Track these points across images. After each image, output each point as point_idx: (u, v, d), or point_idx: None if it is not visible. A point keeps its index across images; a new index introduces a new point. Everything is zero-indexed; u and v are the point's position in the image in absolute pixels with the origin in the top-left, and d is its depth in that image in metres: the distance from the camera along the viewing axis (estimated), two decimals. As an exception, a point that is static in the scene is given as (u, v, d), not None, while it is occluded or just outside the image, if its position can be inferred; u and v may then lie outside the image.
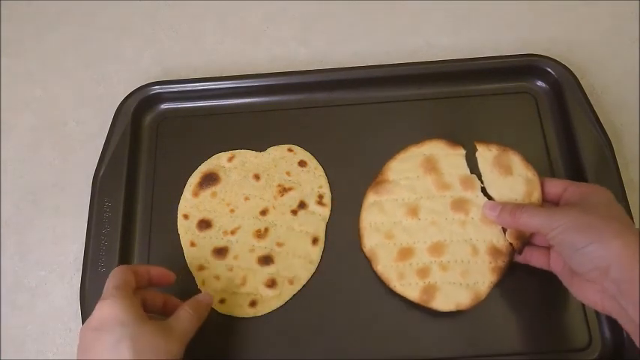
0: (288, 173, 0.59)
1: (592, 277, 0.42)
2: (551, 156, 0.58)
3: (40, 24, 0.73)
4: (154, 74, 0.67)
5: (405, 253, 0.53)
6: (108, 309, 0.42)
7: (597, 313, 0.51)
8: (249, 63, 0.67)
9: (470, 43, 0.67)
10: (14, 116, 0.67)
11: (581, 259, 0.42)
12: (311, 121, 0.61)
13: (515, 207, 0.48)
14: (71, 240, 0.59)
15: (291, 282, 0.54)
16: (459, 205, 0.54)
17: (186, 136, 0.62)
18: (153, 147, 0.61)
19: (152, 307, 0.47)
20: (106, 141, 0.60)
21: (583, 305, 0.51)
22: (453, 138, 0.58)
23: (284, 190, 0.58)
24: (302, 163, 0.59)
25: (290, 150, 0.60)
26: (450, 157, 0.56)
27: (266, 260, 0.55)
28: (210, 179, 0.59)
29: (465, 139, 0.59)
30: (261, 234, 0.56)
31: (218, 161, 0.60)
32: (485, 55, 0.62)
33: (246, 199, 0.58)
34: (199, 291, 0.54)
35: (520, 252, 0.51)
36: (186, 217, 0.58)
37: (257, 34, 0.70)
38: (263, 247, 0.56)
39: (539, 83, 0.61)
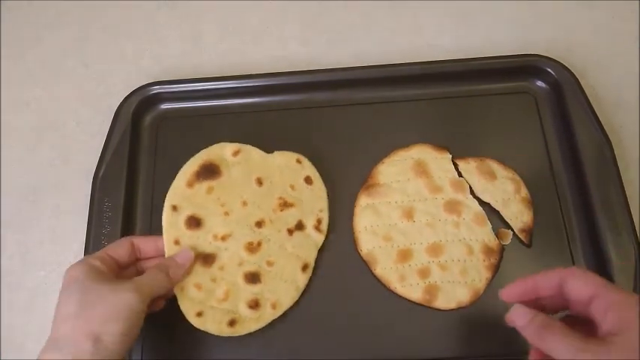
0: (292, 187, 0.55)
1: None
2: (551, 156, 0.58)
3: (40, 24, 0.73)
4: (154, 74, 0.67)
5: (405, 254, 0.54)
6: (70, 271, 0.46)
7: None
8: (249, 63, 0.67)
9: (470, 43, 0.67)
10: (14, 116, 0.67)
11: None
12: (311, 121, 0.61)
13: (544, 324, 0.39)
14: (71, 240, 0.59)
15: (273, 306, 0.51)
16: (452, 206, 0.55)
17: (186, 136, 0.62)
18: (153, 147, 0.61)
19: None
20: (106, 141, 0.60)
21: (583, 305, 0.52)
22: (454, 138, 0.59)
23: (284, 205, 0.54)
24: (308, 180, 0.56)
25: (298, 161, 0.56)
26: (438, 161, 0.57)
27: (253, 278, 0.51)
28: (209, 171, 0.54)
29: (466, 139, 0.59)
30: (253, 247, 0.52)
31: (222, 152, 0.55)
32: (485, 55, 0.62)
33: (244, 204, 0.54)
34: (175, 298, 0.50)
35: (529, 244, 0.52)
36: (174, 208, 0.52)
37: (257, 34, 0.70)
38: (252, 262, 0.52)
39: (539, 83, 0.62)
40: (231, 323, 0.50)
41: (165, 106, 0.63)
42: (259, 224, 0.53)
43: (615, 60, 0.65)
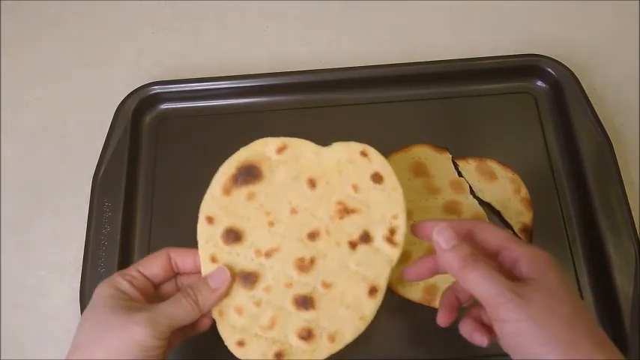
0: (354, 187, 0.45)
1: None
2: (551, 156, 0.58)
3: (40, 24, 0.73)
4: (154, 74, 0.67)
5: (405, 254, 0.53)
6: (96, 291, 0.43)
7: (597, 313, 0.51)
8: (249, 63, 0.67)
9: (470, 43, 0.67)
10: (14, 116, 0.67)
11: None
12: (311, 121, 0.61)
13: (469, 257, 0.38)
14: (71, 240, 0.59)
15: (331, 338, 0.42)
16: (451, 207, 0.55)
17: (186, 136, 0.62)
18: (153, 147, 0.61)
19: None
20: (105, 141, 0.60)
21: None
22: (454, 138, 0.59)
23: (345, 211, 0.44)
24: (376, 177, 0.45)
25: (364, 154, 0.46)
26: (437, 161, 0.57)
27: (304, 302, 0.43)
28: (248, 174, 0.45)
29: (466, 139, 0.59)
30: (304, 265, 0.43)
31: (263, 149, 0.47)
32: (485, 55, 0.62)
33: (293, 211, 0.45)
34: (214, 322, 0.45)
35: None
36: (210, 220, 0.45)
37: (257, 34, 0.70)
38: (304, 283, 0.43)
39: (539, 83, 0.62)
40: (279, 355, 0.42)
41: (165, 106, 0.63)
42: (312, 236, 0.44)
43: (615, 60, 0.65)
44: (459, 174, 0.57)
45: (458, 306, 0.43)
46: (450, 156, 0.58)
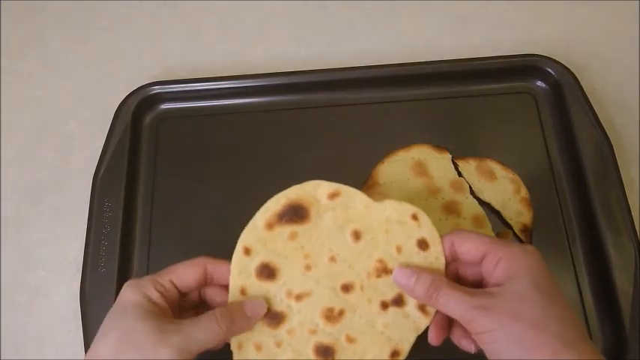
0: (398, 249, 0.44)
1: None
2: (551, 156, 0.58)
3: (40, 24, 0.73)
4: (154, 74, 0.67)
5: None
6: (123, 295, 0.41)
7: (597, 313, 0.51)
8: (249, 63, 0.67)
9: (470, 43, 0.67)
10: (14, 116, 0.67)
11: None
12: (310, 121, 0.61)
13: (432, 284, 0.40)
14: (71, 240, 0.59)
15: None
16: (451, 207, 0.55)
17: (186, 136, 0.62)
18: (153, 147, 0.61)
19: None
20: (106, 141, 0.60)
21: (583, 304, 0.52)
22: (454, 138, 0.59)
23: (384, 271, 0.43)
24: (423, 244, 0.44)
25: (415, 218, 0.44)
26: (438, 161, 0.57)
27: (325, 352, 0.42)
28: (295, 213, 0.44)
29: (466, 139, 0.59)
30: (332, 315, 0.43)
31: (315, 192, 0.45)
32: (485, 55, 0.62)
33: (332, 260, 0.44)
34: (230, 353, 0.43)
35: (530, 244, 0.52)
36: (247, 251, 0.44)
37: (257, 34, 0.70)
38: (328, 333, 0.43)
39: (539, 83, 0.62)
40: None
41: (165, 106, 0.63)
42: (346, 288, 0.43)
43: (615, 60, 0.65)
44: (459, 174, 0.57)
45: (448, 323, 0.43)
46: (450, 156, 0.58)
